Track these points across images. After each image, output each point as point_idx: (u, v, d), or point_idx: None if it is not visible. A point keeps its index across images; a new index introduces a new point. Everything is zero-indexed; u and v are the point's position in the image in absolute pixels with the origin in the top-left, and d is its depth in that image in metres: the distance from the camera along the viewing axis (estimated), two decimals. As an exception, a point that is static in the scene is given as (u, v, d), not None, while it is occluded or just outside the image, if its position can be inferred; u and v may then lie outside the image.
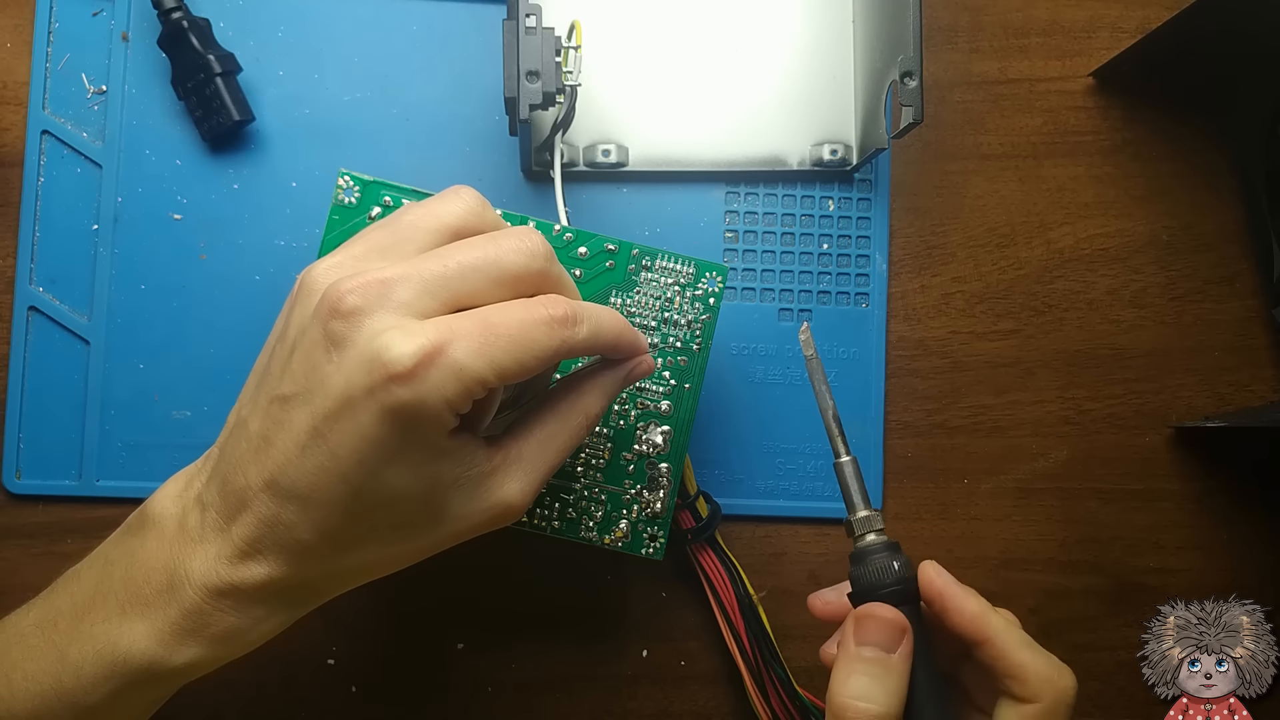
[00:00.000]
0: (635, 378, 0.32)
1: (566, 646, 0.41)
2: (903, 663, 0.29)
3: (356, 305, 0.26)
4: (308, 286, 0.28)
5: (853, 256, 0.43)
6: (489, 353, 0.26)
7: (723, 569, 0.39)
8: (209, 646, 0.28)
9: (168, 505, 0.29)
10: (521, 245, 0.28)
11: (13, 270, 0.40)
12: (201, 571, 0.28)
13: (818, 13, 0.42)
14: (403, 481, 0.27)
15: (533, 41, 0.34)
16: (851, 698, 0.29)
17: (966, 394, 0.43)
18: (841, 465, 0.32)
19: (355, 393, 0.26)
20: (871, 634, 0.29)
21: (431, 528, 0.28)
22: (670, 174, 0.42)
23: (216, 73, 0.39)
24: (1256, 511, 0.44)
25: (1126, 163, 0.44)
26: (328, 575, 0.29)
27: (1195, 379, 0.44)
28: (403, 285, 0.26)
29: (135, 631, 0.28)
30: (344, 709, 0.41)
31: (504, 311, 0.27)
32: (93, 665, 0.28)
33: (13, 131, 0.41)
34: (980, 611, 0.30)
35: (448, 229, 0.29)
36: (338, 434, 0.26)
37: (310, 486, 0.26)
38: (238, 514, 0.27)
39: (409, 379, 0.25)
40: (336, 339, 0.26)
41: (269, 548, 0.27)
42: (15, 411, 0.40)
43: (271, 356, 0.28)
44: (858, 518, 0.32)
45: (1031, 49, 0.44)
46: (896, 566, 0.31)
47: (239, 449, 0.28)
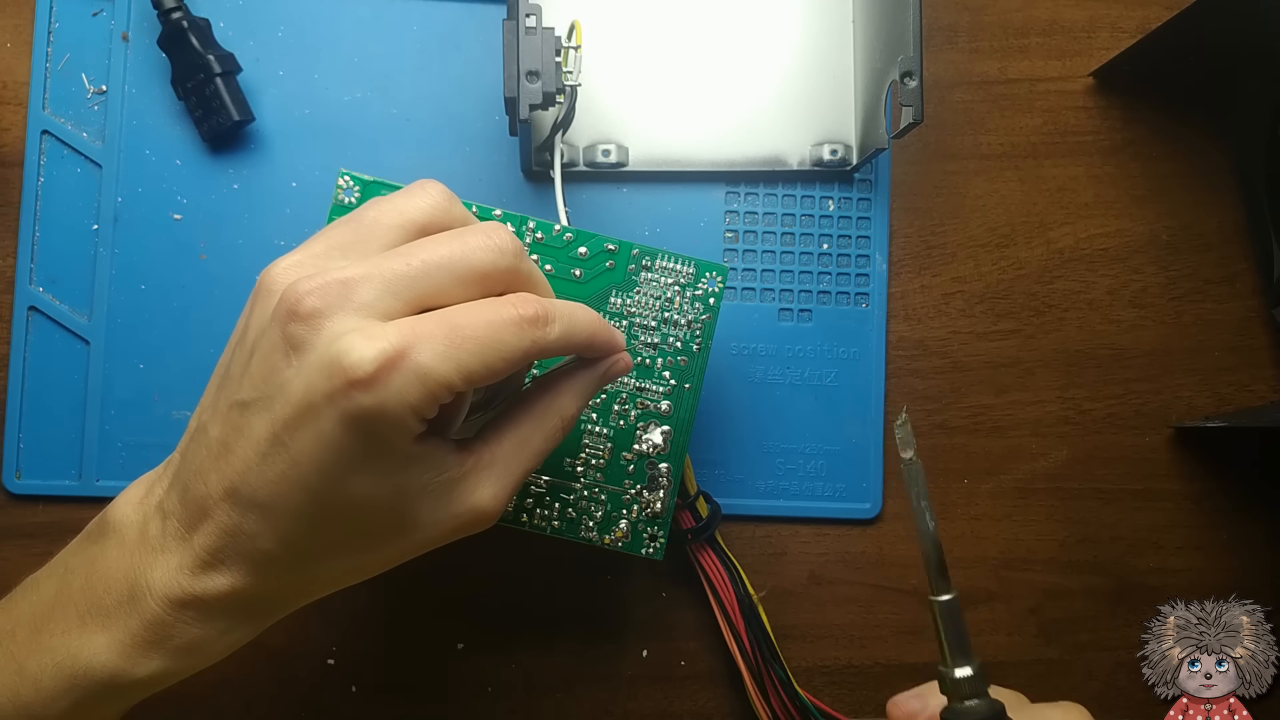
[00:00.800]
0: (612, 376, 0.30)
1: (566, 646, 0.41)
2: None
3: (315, 307, 0.25)
4: (266, 286, 0.27)
5: (853, 256, 0.43)
6: (455, 355, 0.25)
7: (723, 569, 0.39)
8: (172, 658, 0.27)
9: (128, 512, 0.28)
10: (489, 242, 0.27)
11: (13, 270, 0.40)
12: (163, 582, 0.27)
13: (818, 13, 0.42)
14: (367, 489, 0.26)
15: (533, 41, 0.34)
16: None
17: (966, 394, 0.43)
18: (941, 605, 0.27)
19: (315, 399, 0.24)
20: None
21: (399, 536, 0.27)
22: (670, 174, 0.42)
23: (216, 73, 0.39)
24: (1256, 511, 0.44)
25: (1126, 163, 0.44)
26: (293, 585, 0.28)
27: (1195, 379, 0.44)
28: (364, 285, 0.25)
29: (95, 643, 0.27)
30: (344, 709, 0.41)
31: (470, 312, 0.26)
32: (52, 678, 0.27)
33: (13, 131, 0.41)
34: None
35: (413, 225, 0.27)
36: (298, 441, 0.25)
37: (271, 495, 0.25)
38: (199, 523, 0.26)
39: (370, 385, 0.24)
40: (295, 342, 0.25)
41: (231, 558, 0.26)
42: (15, 411, 0.40)
43: (231, 359, 0.27)
44: (959, 676, 0.26)
45: (1031, 49, 0.44)
46: None
47: (199, 455, 0.27)
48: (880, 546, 0.42)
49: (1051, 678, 0.43)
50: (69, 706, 0.28)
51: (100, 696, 0.28)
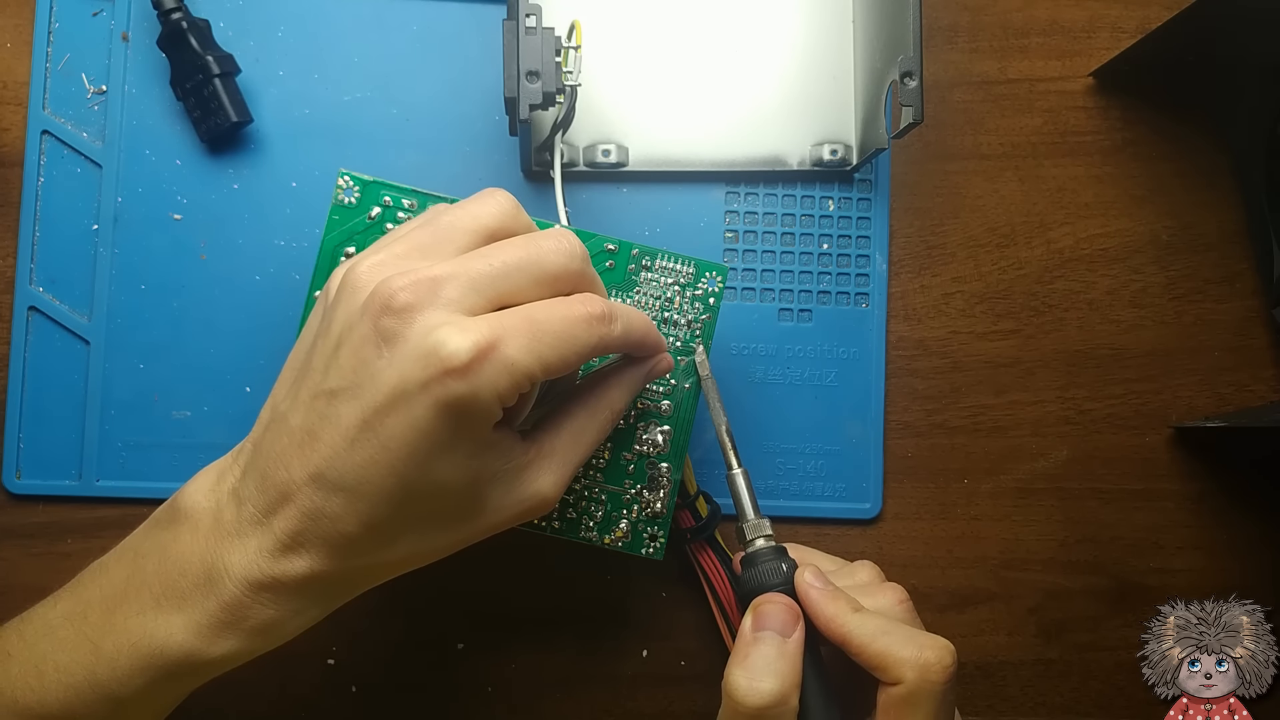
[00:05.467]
0: (656, 374, 0.33)
1: (566, 646, 0.41)
2: (796, 647, 0.31)
3: (408, 302, 0.27)
4: (351, 284, 0.28)
5: (853, 256, 0.43)
6: (536, 348, 0.27)
7: (723, 569, 0.39)
8: (246, 639, 0.29)
9: (200, 499, 0.29)
10: (560, 246, 0.29)
11: (13, 270, 0.40)
12: (241, 565, 0.28)
13: (818, 13, 0.42)
14: (449, 474, 0.28)
15: (533, 41, 0.34)
16: (745, 678, 0.30)
17: (966, 394, 0.43)
18: (733, 477, 0.35)
19: (409, 386, 0.26)
20: (768, 619, 0.31)
21: (470, 519, 0.29)
22: (670, 174, 0.42)
23: (215, 74, 0.39)
24: (1256, 511, 0.44)
25: (1126, 163, 0.44)
26: (367, 568, 0.29)
27: (1195, 379, 0.44)
28: (451, 283, 0.27)
29: (172, 624, 0.28)
30: (344, 709, 0.41)
31: (548, 309, 0.28)
32: (128, 657, 0.29)
33: (13, 131, 0.41)
34: (834, 614, 0.32)
35: (485, 230, 0.30)
36: (389, 427, 0.26)
37: (358, 479, 0.27)
38: (279, 507, 0.28)
39: (464, 373, 0.26)
40: (388, 335, 0.27)
41: (311, 541, 0.28)
42: (15, 411, 0.40)
43: (312, 352, 0.29)
44: (748, 523, 0.35)
45: (1031, 49, 0.44)
46: (785, 568, 0.33)
47: (279, 444, 0.28)
48: (880, 546, 0.42)
49: (1051, 678, 0.43)
50: (144, 684, 0.29)
51: (174, 675, 0.29)
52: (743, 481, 0.35)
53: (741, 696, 0.30)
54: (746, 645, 0.31)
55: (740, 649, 0.31)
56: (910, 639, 0.31)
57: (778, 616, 0.31)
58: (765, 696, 0.30)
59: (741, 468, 0.36)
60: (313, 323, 0.30)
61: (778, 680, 0.30)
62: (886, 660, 0.31)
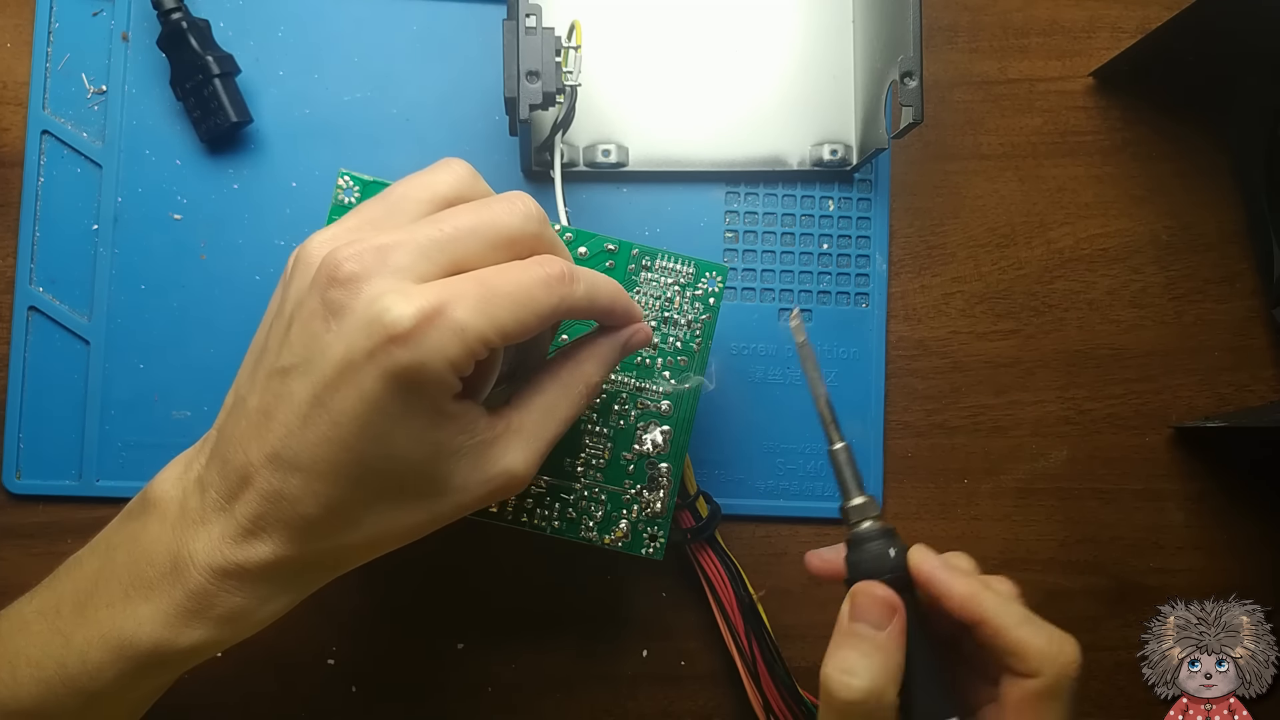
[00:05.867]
0: (633, 347, 0.32)
1: (566, 646, 0.41)
2: (892, 641, 0.29)
3: (354, 272, 0.26)
4: (303, 259, 0.28)
5: (853, 256, 0.43)
6: (489, 311, 0.26)
7: (723, 569, 0.39)
8: (215, 628, 0.28)
9: (168, 488, 0.29)
10: (514, 208, 0.28)
11: (13, 270, 0.40)
12: (205, 552, 0.28)
13: (818, 13, 0.42)
14: (406, 447, 0.27)
15: (533, 41, 0.34)
16: (838, 671, 0.29)
17: (966, 394, 0.43)
18: (836, 453, 0.32)
19: (356, 357, 0.25)
20: (864, 611, 0.30)
21: (436, 498, 0.28)
22: (670, 174, 0.42)
23: (214, 74, 0.39)
24: (1256, 511, 0.44)
25: (1126, 163, 0.44)
26: (332, 551, 0.29)
27: (1195, 379, 0.44)
28: (399, 250, 0.26)
29: (140, 615, 0.28)
30: (344, 709, 0.41)
31: (502, 271, 0.27)
32: (98, 650, 0.28)
33: (13, 131, 0.41)
34: (971, 594, 0.30)
35: (440, 198, 0.29)
36: (339, 401, 0.26)
37: (313, 457, 0.26)
38: (240, 492, 0.27)
39: (409, 340, 0.25)
40: (335, 307, 0.26)
41: (272, 525, 0.27)
42: (15, 411, 0.40)
43: (269, 333, 0.28)
44: (853, 504, 0.32)
45: (1031, 49, 0.44)
46: (892, 554, 0.31)
47: (238, 427, 0.28)
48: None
49: (1051, 678, 0.43)
50: (115, 677, 0.28)
51: (146, 667, 0.29)
52: (844, 458, 0.32)
53: (835, 690, 0.29)
54: (843, 636, 0.30)
55: (837, 640, 0.30)
56: (1048, 631, 0.30)
57: (874, 609, 0.30)
58: (857, 692, 0.29)
59: (844, 442, 0.32)
60: (272, 304, 0.30)
61: (870, 676, 0.29)
62: (1026, 650, 0.29)
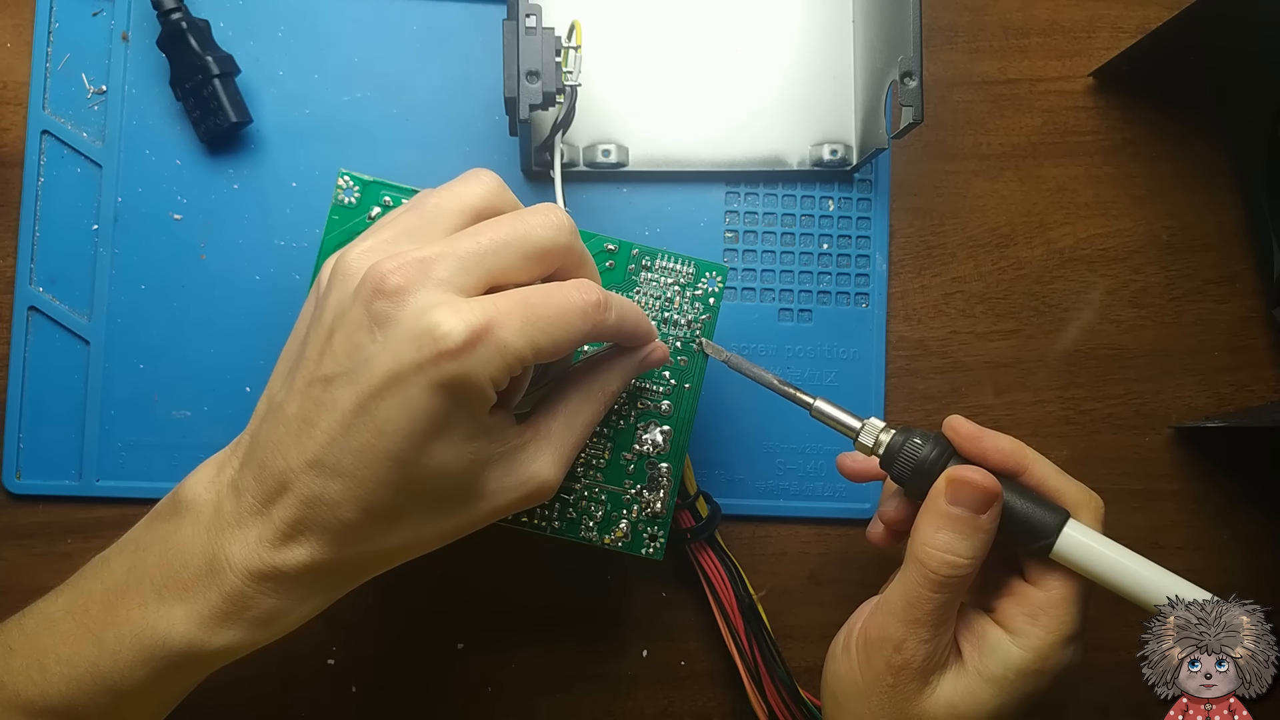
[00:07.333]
0: (650, 364, 0.33)
1: (566, 646, 0.41)
2: (991, 523, 0.31)
3: (400, 284, 0.27)
4: (342, 270, 0.28)
5: (853, 256, 0.43)
6: (530, 332, 0.27)
7: (723, 569, 0.39)
8: (248, 629, 0.29)
9: (201, 491, 0.29)
10: (548, 220, 0.29)
11: (13, 270, 0.40)
12: (242, 555, 0.28)
13: (818, 13, 0.42)
14: (446, 457, 0.27)
15: (533, 41, 0.34)
16: (940, 549, 0.31)
17: (966, 394, 0.43)
18: (817, 410, 0.34)
19: (404, 368, 0.26)
20: (964, 497, 0.31)
21: (470, 504, 0.29)
22: (670, 174, 0.42)
23: (214, 74, 0.39)
24: (1256, 511, 0.44)
25: (1126, 163, 0.44)
26: (367, 555, 0.29)
27: (1195, 379, 0.44)
28: (441, 263, 0.27)
29: (174, 615, 0.28)
30: (344, 709, 0.41)
31: (543, 293, 0.28)
32: (130, 649, 0.28)
33: (13, 131, 0.41)
34: (1016, 447, 0.33)
35: (472, 210, 0.30)
36: (384, 410, 0.26)
37: (355, 464, 0.27)
38: (278, 496, 0.28)
39: (459, 354, 0.26)
40: (381, 318, 0.27)
41: (311, 529, 0.28)
42: (15, 411, 0.40)
43: (306, 341, 0.29)
44: (864, 431, 0.33)
45: (1031, 49, 0.44)
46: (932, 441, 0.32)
47: (276, 433, 0.28)
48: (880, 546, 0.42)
49: (1051, 678, 0.43)
50: (146, 676, 0.29)
51: (177, 666, 0.29)
52: (826, 407, 0.34)
53: (936, 567, 0.31)
54: (941, 518, 0.31)
55: (935, 520, 0.31)
56: (1077, 482, 0.33)
57: (975, 497, 0.31)
58: (963, 569, 0.31)
59: (818, 397, 0.34)
60: (306, 313, 0.30)
61: (972, 553, 0.31)
62: (1064, 496, 0.33)
